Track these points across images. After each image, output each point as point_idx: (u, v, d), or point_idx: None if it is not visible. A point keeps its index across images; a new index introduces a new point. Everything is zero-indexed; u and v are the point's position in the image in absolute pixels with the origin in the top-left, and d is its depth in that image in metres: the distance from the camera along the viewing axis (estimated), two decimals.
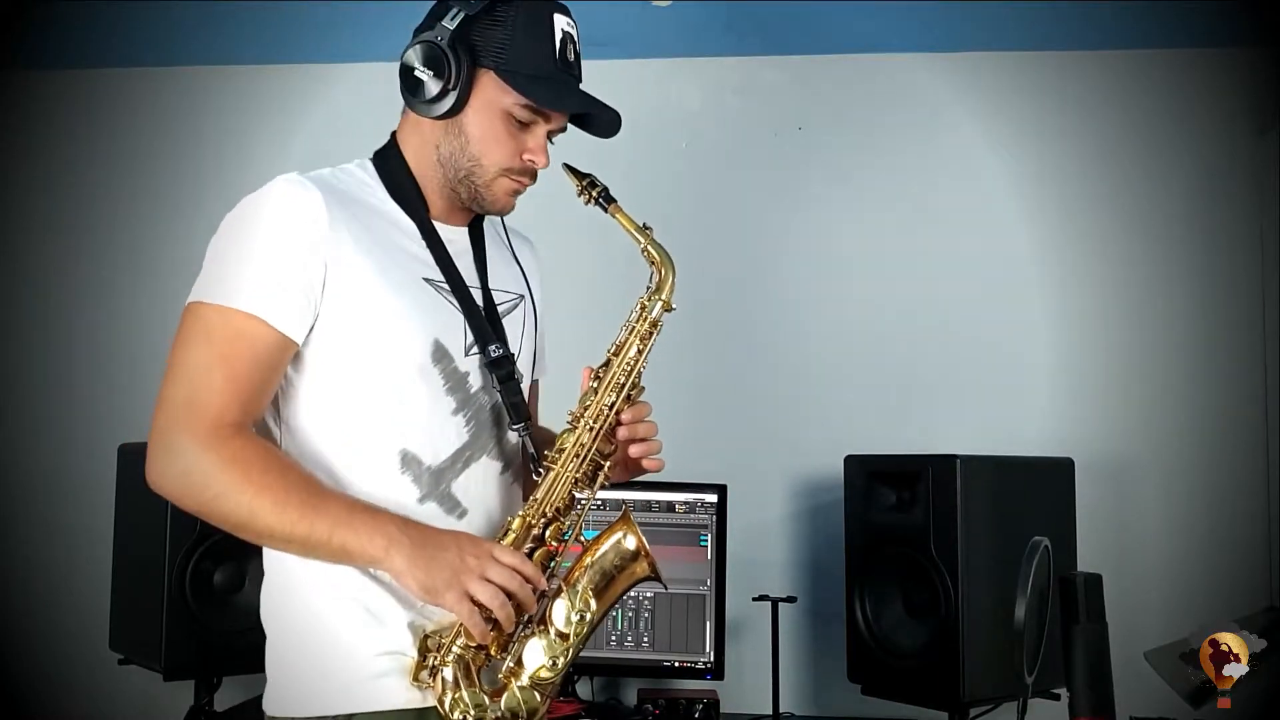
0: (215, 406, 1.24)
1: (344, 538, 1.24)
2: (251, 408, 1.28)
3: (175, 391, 1.26)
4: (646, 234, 1.44)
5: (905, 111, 2.76)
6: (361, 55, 2.76)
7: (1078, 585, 1.41)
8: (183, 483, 1.25)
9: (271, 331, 1.27)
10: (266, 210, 1.30)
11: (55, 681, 2.75)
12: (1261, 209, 2.61)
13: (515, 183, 1.40)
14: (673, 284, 1.44)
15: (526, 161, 1.39)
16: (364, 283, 1.31)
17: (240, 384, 1.26)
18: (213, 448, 1.23)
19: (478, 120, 1.36)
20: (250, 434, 1.27)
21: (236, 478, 1.23)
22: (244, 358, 1.26)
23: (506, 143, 1.37)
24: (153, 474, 1.26)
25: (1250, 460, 2.57)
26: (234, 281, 1.27)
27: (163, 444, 1.25)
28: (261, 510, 1.23)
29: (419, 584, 1.25)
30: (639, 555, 1.42)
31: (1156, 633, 1.61)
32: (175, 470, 1.24)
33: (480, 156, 1.37)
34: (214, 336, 1.26)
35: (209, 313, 1.27)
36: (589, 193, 1.43)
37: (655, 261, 1.44)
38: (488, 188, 1.39)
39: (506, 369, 1.41)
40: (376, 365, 1.33)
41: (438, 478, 1.36)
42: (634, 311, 1.45)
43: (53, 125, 2.95)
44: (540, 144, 1.39)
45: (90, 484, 2.61)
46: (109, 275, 2.89)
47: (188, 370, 1.26)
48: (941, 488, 2.09)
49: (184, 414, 1.24)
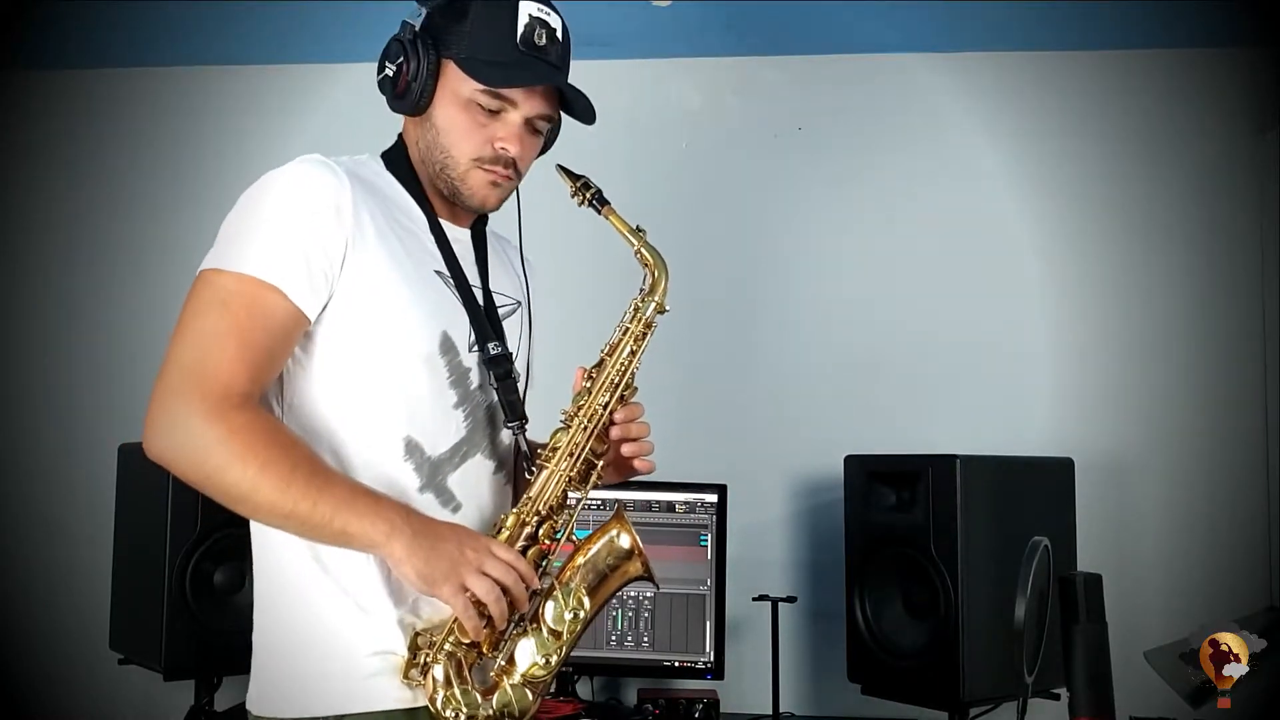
0: (225, 374, 1.21)
1: (346, 520, 1.22)
2: (261, 380, 1.25)
3: (184, 355, 1.22)
4: (640, 236, 1.44)
5: (905, 111, 2.76)
6: (361, 55, 2.72)
7: (1078, 585, 1.41)
8: (184, 451, 1.20)
9: (289, 304, 1.25)
10: (291, 185, 1.29)
11: (55, 681, 2.75)
12: (1261, 209, 2.61)
13: (490, 172, 1.38)
14: (666, 285, 1.45)
15: (498, 149, 1.37)
16: (380, 268, 1.31)
17: (253, 353, 1.23)
18: (219, 417, 1.19)
19: (445, 112, 1.37)
20: (258, 407, 1.25)
21: (241, 451, 1.19)
22: (260, 327, 1.23)
23: (475, 132, 1.36)
24: (153, 441, 1.21)
25: (1250, 460, 2.57)
26: (255, 251, 1.25)
27: (166, 410, 1.20)
28: (264, 485, 1.19)
29: (416, 573, 1.24)
30: (632, 553, 1.42)
31: (1156, 633, 1.61)
32: (177, 438, 1.20)
33: (450, 148, 1.37)
34: (230, 304, 1.23)
35: (226, 280, 1.24)
36: (583, 194, 1.43)
37: (648, 264, 1.45)
38: (463, 181, 1.38)
39: (504, 367, 1.41)
40: (386, 351, 1.32)
41: (436, 469, 1.36)
42: (628, 312, 1.46)
43: (53, 125, 2.95)
44: (512, 131, 1.37)
45: (90, 484, 2.61)
46: (109, 275, 2.89)
47: (200, 335, 1.22)
48: (941, 488, 2.09)
49: (192, 380, 1.20)
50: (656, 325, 1.45)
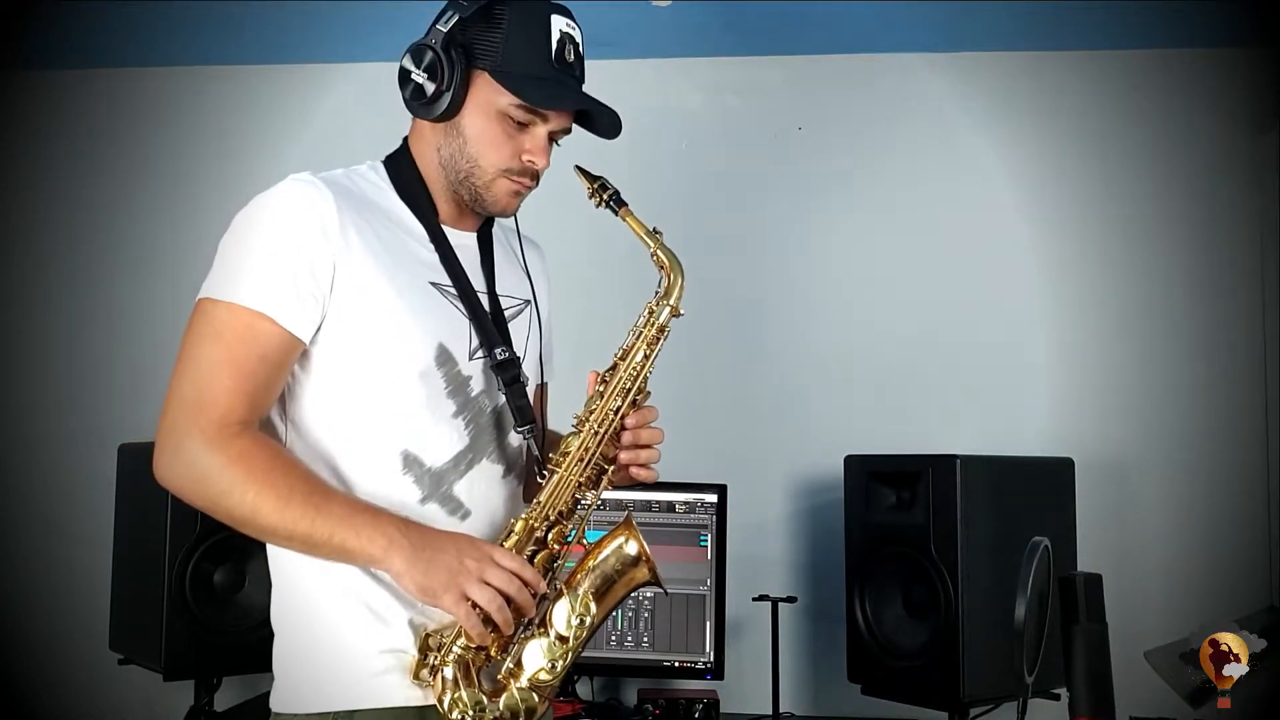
0: (222, 405, 1.25)
1: (344, 537, 1.25)
2: (258, 406, 1.29)
3: (183, 388, 1.27)
4: (656, 238, 1.43)
5: (905, 111, 2.76)
6: (361, 55, 2.76)
7: (1078, 585, 1.41)
8: (189, 479, 1.26)
9: (280, 330, 1.28)
10: (277, 209, 1.30)
11: (55, 681, 2.75)
12: (1261, 209, 2.61)
13: (515, 183, 1.40)
14: (681, 289, 1.44)
15: (526, 162, 1.38)
16: (370, 285, 1.32)
17: (248, 382, 1.27)
18: (219, 446, 1.24)
19: (474, 122, 1.37)
20: (256, 433, 1.28)
21: (240, 476, 1.24)
22: (252, 356, 1.27)
23: (504, 143, 1.37)
24: (160, 470, 1.27)
25: (1250, 460, 2.57)
26: (244, 280, 1.28)
27: (171, 441, 1.26)
28: (264, 508, 1.24)
29: (417, 585, 1.25)
30: (640, 560, 1.42)
31: (1156, 633, 1.61)
32: (181, 467, 1.26)
33: (478, 158, 1.38)
34: (223, 334, 1.27)
35: (218, 310, 1.28)
36: (600, 195, 1.43)
37: (664, 266, 1.44)
38: (487, 189, 1.39)
39: (512, 372, 1.41)
40: (379, 367, 1.33)
41: (439, 479, 1.36)
42: (641, 316, 1.44)
43: (53, 125, 2.95)
44: (539, 145, 1.38)
45: (90, 484, 2.61)
46: (109, 275, 2.89)
47: (196, 367, 1.27)
48: (941, 488, 2.09)
49: (192, 411, 1.25)
50: (670, 330, 1.43)
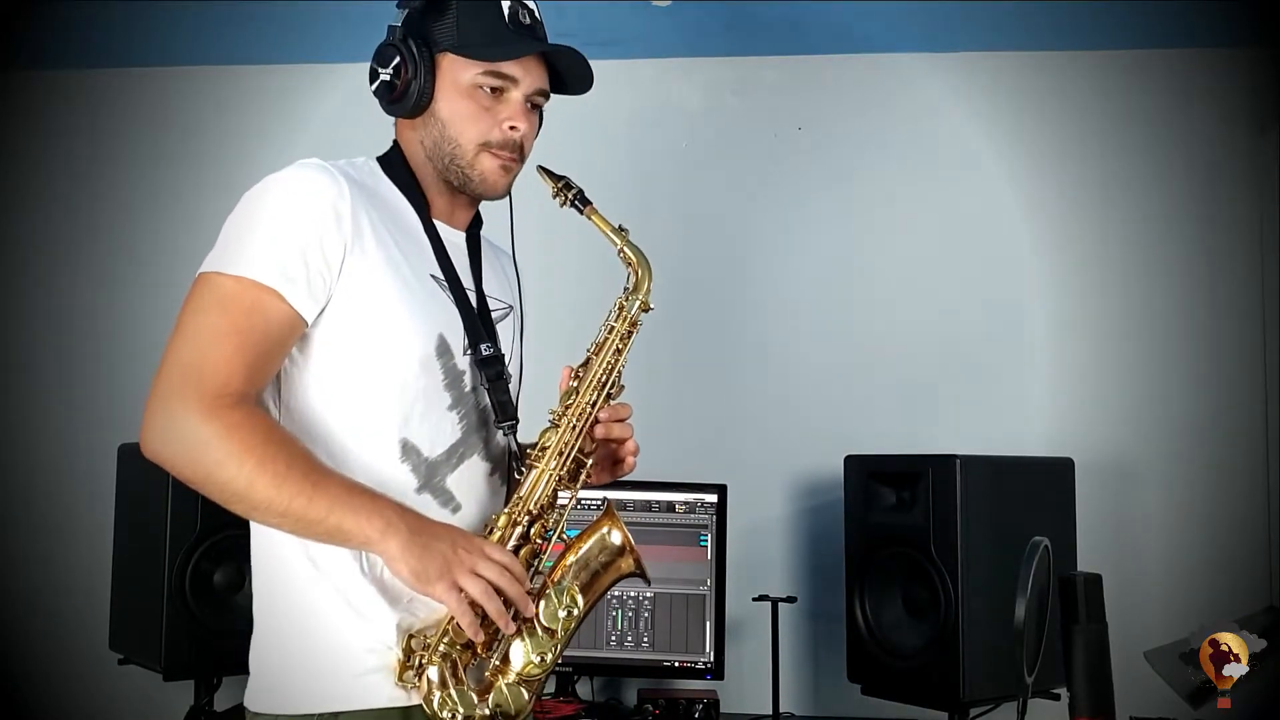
0: (222, 373, 1.22)
1: (341, 517, 1.23)
2: (257, 380, 1.27)
3: (181, 355, 1.24)
4: (622, 235, 1.46)
5: (905, 111, 2.76)
6: (361, 55, 2.71)
7: (1078, 585, 1.41)
8: (182, 449, 1.22)
9: (287, 308, 1.27)
10: (291, 190, 1.30)
11: (55, 681, 2.75)
12: (1261, 209, 2.61)
13: (499, 157, 1.40)
14: (649, 284, 1.46)
15: (506, 130, 1.39)
16: (378, 272, 1.32)
17: (250, 354, 1.25)
18: (215, 415, 1.21)
19: (448, 104, 1.38)
20: (253, 406, 1.26)
21: (237, 447, 1.20)
22: (257, 329, 1.25)
23: (481, 116, 1.38)
24: (150, 440, 1.23)
25: (1250, 460, 2.57)
26: (253, 254, 1.26)
27: (164, 409, 1.22)
28: (260, 482, 1.20)
29: (411, 570, 1.24)
30: (624, 550, 1.43)
31: (1156, 633, 1.60)
32: (174, 435, 1.22)
33: (458, 136, 1.39)
34: (229, 306, 1.25)
35: (226, 282, 1.26)
36: (564, 195, 1.45)
37: (631, 263, 1.46)
38: (472, 167, 1.40)
39: (496, 368, 1.42)
40: (383, 354, 1.33)
41: (434, 470, 1.36)
42: (612, 311, 1.47)
43: (53, 125, 2.95)
44: (517, 108, 1.39)
45: (90, 484, 2.61)
46: (109, 275, 2.89)
47: (198, 335, 1.25)
48: (941, 488, 2.09)
49: (190, 379, 1.22)
50: (642, 323, 1.46)
